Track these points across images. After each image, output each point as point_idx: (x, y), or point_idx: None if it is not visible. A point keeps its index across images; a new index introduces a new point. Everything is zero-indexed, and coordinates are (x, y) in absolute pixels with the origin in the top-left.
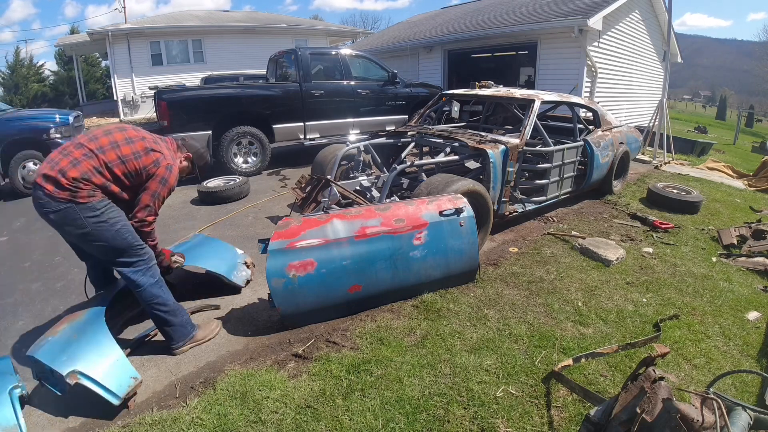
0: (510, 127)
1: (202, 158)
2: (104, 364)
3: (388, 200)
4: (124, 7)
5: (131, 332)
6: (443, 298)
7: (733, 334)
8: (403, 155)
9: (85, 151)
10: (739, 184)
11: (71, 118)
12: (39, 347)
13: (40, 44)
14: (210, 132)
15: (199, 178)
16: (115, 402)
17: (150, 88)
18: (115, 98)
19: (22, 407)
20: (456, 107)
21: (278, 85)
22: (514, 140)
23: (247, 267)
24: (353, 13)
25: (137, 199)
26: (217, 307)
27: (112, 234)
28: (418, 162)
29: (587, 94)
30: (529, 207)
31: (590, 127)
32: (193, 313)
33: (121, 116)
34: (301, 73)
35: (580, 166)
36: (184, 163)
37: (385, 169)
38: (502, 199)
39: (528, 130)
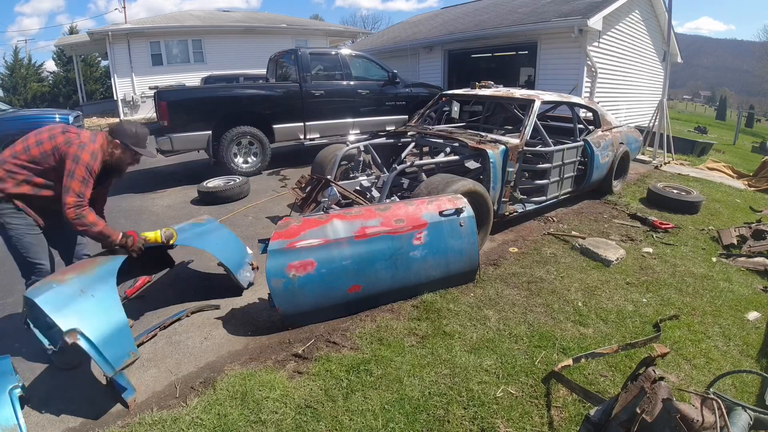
0: (510, 127)
1: (128, 135)
2: (107, 330)
3: (388, 200)
4: (124, 7)
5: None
6: (443, 298)
7: (733, 334)
8: (403, 155)
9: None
10: (739, 184)
11: (71, 118)
12: (41, 291)
13: (60, 40)
14: (210, 132)
15: (150, 155)
16: (109, 372)
17: (150, 88)
18: (115, 98)
19: (22, 407)
20: (456, 107)
21: (278, 85)
22: (514, 140)
23: (253, 269)
24: (375, 13)
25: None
26: (217, 308)
27: (6, 238)
28: (418, 162)
29: (587, 94)
30: (529, 207)
31: (590, 127)
32: (193, 313)
33: (121, 116)
34: (301, 73)
35: (580, 166)
36: (117, 152)
37: (385, 169)
38: (502, 199)
39: (528, 131)
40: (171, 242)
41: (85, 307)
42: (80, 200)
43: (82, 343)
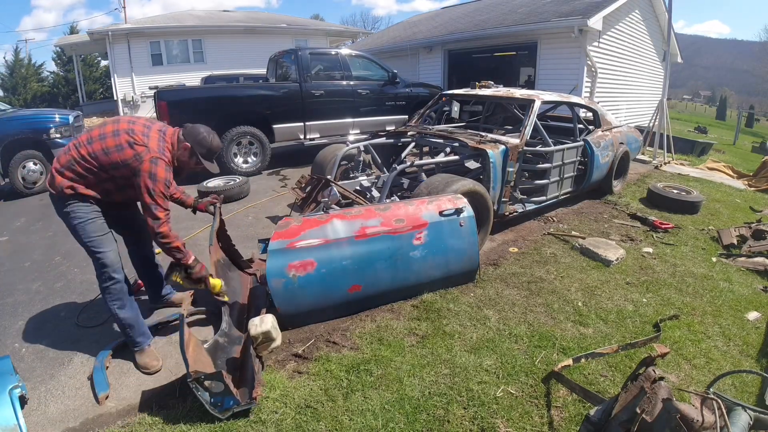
0: (510, 127)
1: (201, 145)
2: None
3: (388, 200)
4: (124, 7)
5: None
6: (443, 298)
7: (733, 334)
8: (403, 155)
9: (77, 142)
10: (739, 184)
11: (71, 118)
12: None
13: (60, 40)
14: None
15: (212, 170)
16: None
17: (150, 88)
18: (115, 98)
19: (22, 407)
20: (456, 107)
21: (278, 85)
22: (514, 140)
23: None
24: (398, 14)
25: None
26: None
27: (72, 227)
28: (418, 162)
29: (587, 94)
30: (529, 207)
31: (590, 127)
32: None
33: (121, 116)
34: (301, 73)
35: (580, 166)
36: (184, 157)
37: (385, 169)
38: (502, 199)
39: (528, 130)
40: (222, 298)
41: None
42: (167, 213)
43: None
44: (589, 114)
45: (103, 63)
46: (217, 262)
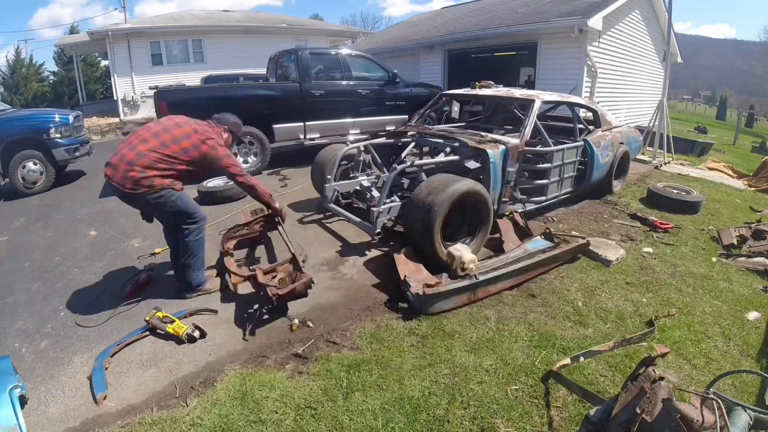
0: (510, 127)
1: (237, 126)
2: None
3: (387, 200)
4: (125, 7)
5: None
6: None
7: (733, 334)
8: (403, 155)
9: (150, 146)
10: (739, 184)
11: (71, 118)
12: None
13: (60, 40)
14: None
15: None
16: None
17: (150, 88)
18: (115, 98)
19: (22, 407)
20: (456, 107)
21: (278, 85)
22: (514, 140)
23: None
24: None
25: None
26: (215, 312)
27: (171, 208)
28: (418, 162)
29: (587, 94)
30: (529, 207)
31: (590, 127)
32: (191, 314)
33: (121, 116)
34: (301, 73)
35: (580, 166)
36: (226, 135)
37: (385, 169)
38: (502, 199)
39: (528, 131)
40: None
41: None
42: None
43: None
44: (589, 114)
45: (104, 63)
46: None
